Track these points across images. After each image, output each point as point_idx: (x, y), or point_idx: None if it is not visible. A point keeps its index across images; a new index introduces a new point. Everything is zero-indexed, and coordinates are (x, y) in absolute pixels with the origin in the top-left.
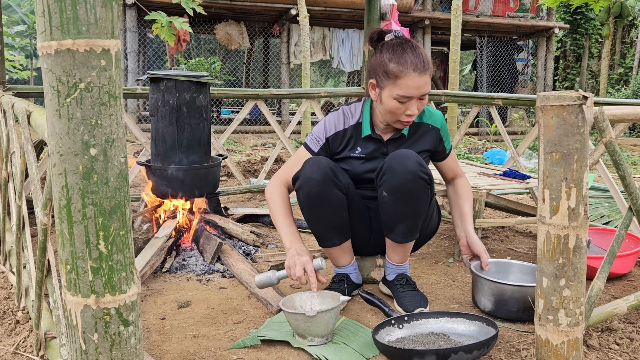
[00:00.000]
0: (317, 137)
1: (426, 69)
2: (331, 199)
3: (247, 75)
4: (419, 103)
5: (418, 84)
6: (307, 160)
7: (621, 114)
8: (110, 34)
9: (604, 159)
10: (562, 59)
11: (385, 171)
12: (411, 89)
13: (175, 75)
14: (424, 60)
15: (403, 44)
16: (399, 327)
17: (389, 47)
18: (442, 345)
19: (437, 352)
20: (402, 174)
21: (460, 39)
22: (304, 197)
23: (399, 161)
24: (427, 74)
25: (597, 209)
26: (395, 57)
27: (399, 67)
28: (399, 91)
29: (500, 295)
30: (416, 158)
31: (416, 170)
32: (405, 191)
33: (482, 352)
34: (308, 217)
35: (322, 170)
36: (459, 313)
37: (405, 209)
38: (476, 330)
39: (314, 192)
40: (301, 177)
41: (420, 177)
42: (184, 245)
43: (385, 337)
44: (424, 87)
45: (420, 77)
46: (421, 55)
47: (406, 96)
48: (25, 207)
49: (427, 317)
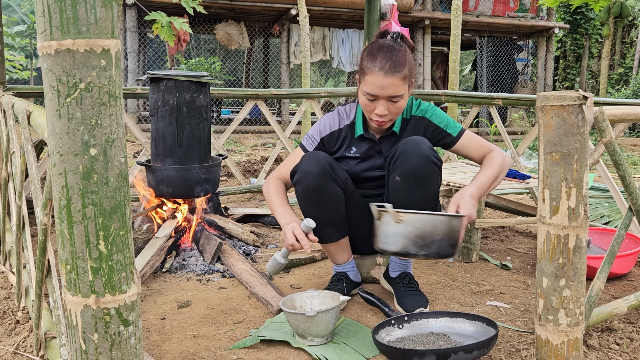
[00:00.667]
0: (312, 137)
1: (393, 72)
2: (329, 193)
3: (247, 75)
4: (389, 105)
5: (382, 84)
6: (305, 155)
7: (621, 114)
8: (110, 34)
9: (604, 159)
10: (562, 59)
11: (400, 155)
12: (375, 87)
13: (175, 75)
14: (395, 62)
15: (383, 45)
16: (399, 327)
17: (371, 45)
18: (442, 345)
19: (437, 352)
20: (417, 157)
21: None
22: (301, 191)
23: (413, 145)
24: (394, 77)
25: (597, 209)
26: (369, 55)
27: (368, 65)
28: (366, 88)
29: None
30: (428, 143)
31: (429, 155)
32: (419, 175)
33: (482, 352)
34: (306, 211)
35: (319, 164)
36: (459, 313)
37: (417, 194)
38: (476, 330)
39: (312, 185)
40: (299, 170)
41: (433, 162)
42: (184, 245)
43: (385, 337)
44: (389, 89)
45: (385, 78)
46: (394, 57)
47: (371, 94)
48: (25, 207)
49: (427, 317)
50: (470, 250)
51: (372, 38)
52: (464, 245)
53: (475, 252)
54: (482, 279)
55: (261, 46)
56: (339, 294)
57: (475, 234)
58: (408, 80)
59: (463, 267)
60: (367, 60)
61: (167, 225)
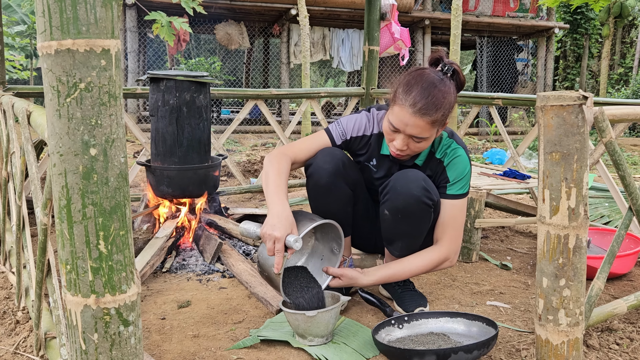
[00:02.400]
0: (343, 131)
1: (423, 113)
2: (338, 192)
3: (247, 75)
4: (410, 141)
5: (407, 122)
6: (323, 149)
7: (621, 114)
8: (110, 34)
9: (604, 159)
10: (562, 59)
11: (389, 191)
12: (399, 121)
13: (175, 75)
14: (429, 103)
15: (426, 79)
16: (399, 327)
17: (414, 73)
18: (442, 345)
19: (437, 352)
20: (405, 196)
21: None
22: (312, 185)
23: (403, 183)
24: (422, 118)
25: (597, 209)
26: (406, 85)
27: (400, 95)
28: (391, 117)
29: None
30: (422, 182)
31: (420, 195)
32: (407, 214)
33: (482, 352)
34: (313, 206)
35: (334, 162)
36: (459, 313)
37: (405, 229)
38: (476, 330)
39: (322, 182)
40: (313, 164)
41: (423, 202)
42: (184, 245)
43: (385, 337)
44: (413, 129)
45: (412, 117)
46: (431, 98)
47: (393, 125)
48: (25, 207)
49: (427, 317)
50: (470, 250)
51: (372, 38)
52: (464, 246)
53: (475, 252)
54: (482, 279)
55: (261, 46)
56: (339, 294)
57: (475, 234)
58: (439, 124)
59: (463, 267)
60: (401, 89)
61: (167, 225)
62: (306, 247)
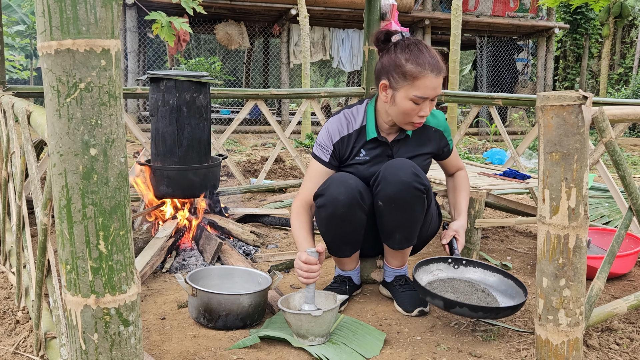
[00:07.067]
0: (325, 145)
1: (442, 70)
2: (354, 220)
3: (247, 75)
4: (430, 104)
5: (435, 85)
6: (334, 178)
7: (621, 114)
8: (110, 34)
9: (604, 159)
10: (562, 59)
11: (380, 181)
12: (429, 89)
13: (175, 75)
14: (439, 61)
15: (417, 44)
16: (454, 267)
17: (404, 47)
18: (488, 301)
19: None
20: (396, 184)
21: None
22: (326, 216)
23: (393, 171)
24: (442, 75)
25: (597, 209)
26: (412, 57)
27: (418, 68)
28: (417, 92)
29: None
30: (412, 168)
31: (410, 181)
32: (399, 201)
33: (507, 313)
34: (325, 232)
35: (349, 193)
36: (510, 275)
37: (400, 218)
38: (515, 290)
39: (339, 213)
40: (326, 195)
41: (414, 188)
42: (184, 245)
43: (436, 271)
44: (439, 88)
45: (437, 78)
46: (435, 56)
47: (423, 97)
48: (25, 207)
49: (477, 266)
50: (471, 250)
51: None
52: (464, 246)
53: (475, 252)
54: None
55: (261, 46)
56: (333, 293)
57: (475, 234)
58: None
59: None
60: (412, 65)
61: (167, 225)
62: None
